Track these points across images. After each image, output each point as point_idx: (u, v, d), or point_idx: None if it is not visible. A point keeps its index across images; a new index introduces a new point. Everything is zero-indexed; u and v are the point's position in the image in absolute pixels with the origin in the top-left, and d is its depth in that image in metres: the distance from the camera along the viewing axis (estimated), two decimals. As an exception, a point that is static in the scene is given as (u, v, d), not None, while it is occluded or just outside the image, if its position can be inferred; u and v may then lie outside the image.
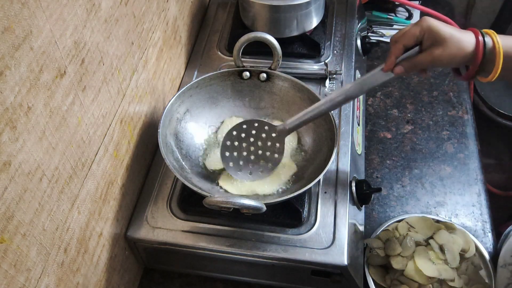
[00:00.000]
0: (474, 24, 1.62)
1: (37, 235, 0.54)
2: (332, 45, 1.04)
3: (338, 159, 0.85)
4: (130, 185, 0.79)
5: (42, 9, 0.50)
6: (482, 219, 0.94)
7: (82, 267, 0.66)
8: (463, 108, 1.12)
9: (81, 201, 0.63)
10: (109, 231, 0.73)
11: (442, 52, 0.67)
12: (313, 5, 0.98)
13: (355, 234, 0.80)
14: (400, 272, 0.79)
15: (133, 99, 0.77)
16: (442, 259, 0.79)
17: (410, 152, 1.04)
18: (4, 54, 0.44)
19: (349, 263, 0.73)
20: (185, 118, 0.85)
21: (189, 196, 0.79)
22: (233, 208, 0.66)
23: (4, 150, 0.46)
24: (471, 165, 1.02)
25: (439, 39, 0.67)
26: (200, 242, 0.76)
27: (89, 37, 0.60)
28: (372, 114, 1.11)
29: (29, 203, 0.51)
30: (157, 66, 0.87)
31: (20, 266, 0.51)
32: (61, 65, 0.54)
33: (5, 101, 0.46)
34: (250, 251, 0.74)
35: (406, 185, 0.99)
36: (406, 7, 1.31)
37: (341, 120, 0.90)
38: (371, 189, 0.83)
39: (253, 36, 0.83)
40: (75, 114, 0.59)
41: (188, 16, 1.03)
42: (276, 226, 0.77)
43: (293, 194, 0.70)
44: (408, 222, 0.86)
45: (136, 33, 0.75)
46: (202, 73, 0.95)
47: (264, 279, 0.84)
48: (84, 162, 0.63)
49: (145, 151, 0.85)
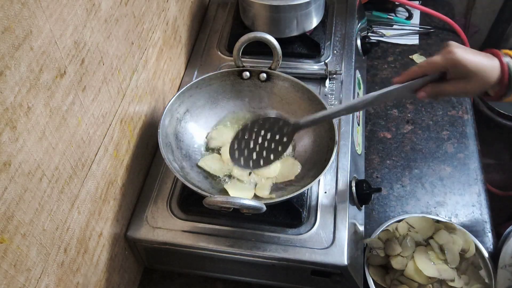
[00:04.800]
0: (474, 24, 1.62)
1: (37, 235, 0.54)
2: (332, 45, 1.04)
3: (338, 159, 0.85)
4: (130, 185, 0.79)
5: (42, 9, 0.50)
6: (482, 219, 0.94)
7: (82, 267, 0.66)
8: (463, 108, 1.12)
9: (81, 201, 0.63)
10: (109, 231, 0.73)
11: (468, 86, 0.66)
12: (313, 5, 0.98)
13: (355, 234, 0.80)
14: (400, 272, 0.79)
15: (133, 99, 0.77)
16: (442, 259, 0.79)
17: (410, 152, 1.04)
18: (4, 54, 0.44)
19: (349, 263, 0.73)
20: (185, 118, 0.85)
21: (189, 196, 0.79)
22: (233, 208, 0.67)
23: (4, 150, 0.46)
24: (471, 165, 1.02)
25: (465, 74, 0.65)
26: (200, 242, 0.76)
27: (89, 37, 0.60)
28: (372, 114, 1.11)
29: (29, 203, 0.51)
30: (157, 66, 0.87)
31: (20, 266, 0.51)
32: (61, 65, 0.54)
33: (5, 101, 0.46)
34: (250, 251, 0.74)
35: (406, 185, 0.99)
36: (406, 7, 1.31)
37: (341, 120, 0.90)
38: (371, 189, 0.83)
39: (253, 36, 0.83)
40: (75, 114, 0.59)
41: (188, 16, 1.03)
42: (276, 226, 0.77)
43: (293, 194, 0.70)
44: (408, 222, 0.86)
45: (136, 33, 0.75)
46: (202, 73, 0.95)
47: (264, 279, 0.84)
48: (84, 162, 0.63)
49: (145, 151, 0.85)
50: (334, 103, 0.92)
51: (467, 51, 0.66)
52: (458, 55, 0.65)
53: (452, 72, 0.67)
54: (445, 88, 0.68)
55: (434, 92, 0.69)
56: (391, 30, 1.29)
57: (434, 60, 0.68)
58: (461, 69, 0.65)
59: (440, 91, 0.69)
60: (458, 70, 0.66)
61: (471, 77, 0.65)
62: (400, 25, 1.30)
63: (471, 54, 0.66)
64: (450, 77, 0.67)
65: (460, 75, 0.66)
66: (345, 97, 0.93)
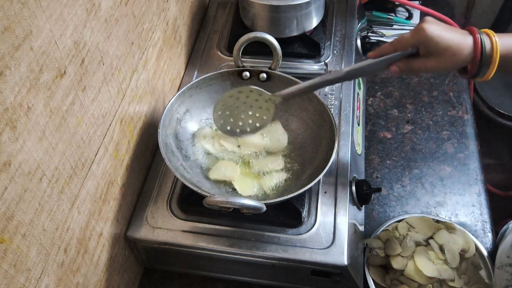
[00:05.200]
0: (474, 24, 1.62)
1: (37, 235, 0.54)
2: (332, 45, 1.04)
3: (338, 159, 0.85)
4: (130, 185, 0.79)
5: (42, 9, 0.50)
6: (482, 219, 0.94)
7: (82, 267, 0.66)
8: (463, 108, 1.12)
9: (81, 201, 0.63)
10: (109, 231, 0.73)
11: (436, 63, 0.67)
12: (313, 5, 0.98)
13: (355, 234, 0.80)
14: (400, 272, 0.79)
15: (133, 99, 0.77)
16: (442, 259, 0.79)
17: (410, 152, 1.04)
18: (4, 54, 0.44)
19: (349, 263, 0.73)
20: (185, 118, 0.85)
21: (189, 196, 0.79)
22: (233, 208, 0.66)
23: (4, 150, 0.46)
24: (471, 165, 1.02)
25: (435, 51, 0.66)
26: (200, 242, 0.76)
27: (89, 37, 0.60)
28: (372, 114, 1.11)
29: (29, 203, 0.51)
30: (157, 66, 0.87)
31: (20, 266, 0.51)
32: (61, 65, 0.54)
33: (5, 101, 0.46)
34: (250, 251, 0.74)
35: (406, 185, 0.99)
36: (406, 7, 1.31)
37: (341, 120, 0.90)
38: (371, 189, 0.83)
39: (253, 36, 0.83)
40: (75, 114, 0.59)
41: (188, 16, 1.03)
42: (276, 226, 0.77)
43: (293, 194, 0.70)
44: (408, 222, 0.86)
45: (136, 33, 0.75)
46: (202, 73, 0.95)
47: (264, 279, 0.84)
48: (84, 162, 0.63)
49: (145, 151, 0.85)
50: (334, 103, 0.92)
51: (439, 28, 0.66)
52: (428, 31, 0.65)
53: (422, 48, 0.67)
54: (416, 64, 0.69)
55: (406, 68, 0.70)
56: (391, 30, 1.29)
57: (405, 37, 0.68)
58: (431, 46, 0.66)
59: (412, 67, 0.69)
60: (428, 46, 0.66)
61: (441, 54, 0.66)
62: (400, 25, 1.30)
63: (443, 30, 0.66)
64: (421, 53, 0.68)
65: (431, 52, 0.66)
66: (345, 97, 0.93)
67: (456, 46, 0.65)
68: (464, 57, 0.66)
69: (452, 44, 0.65)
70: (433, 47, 0.66)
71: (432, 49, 0.66)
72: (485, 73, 0.67)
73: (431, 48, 0.66)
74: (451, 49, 0.65)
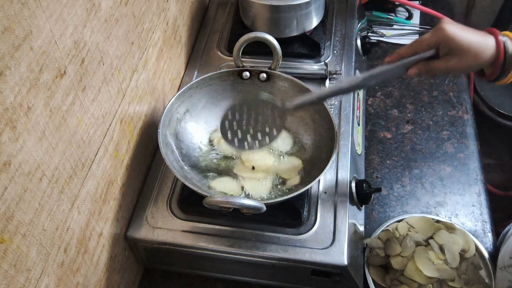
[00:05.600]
0: (474, 24, 1.62)
1: (37, 235, 0.54)
2: (332, 45, 1.04)
3: (338, 159, 0.85)
4: (130, 185, 0.79)
5: (42, 9, 0.50)
6: (482, 219, 0.94)
7: (82, 267, 0.66)
8: (463, 108, 1.12)
9: (81, 201, 0.63)
10: (109, 231, 0.73)
11: (458, 63, 0.65)
12: (313, 5, 0.98)
13: (355, 234, 0.80)
14: (400, 272, 0.79)
15: (133, 99, 0.77)
16: (442, 259, 0.79)
17: (410, 152, 1.04)
18: (4, 54, 0.44)
19: (349, 263, 0.73)
20: (185, 118, 0.85)
21: (189, 196, 0.79)
22: (233, 208, 0.66)
23: (4, 150, 0.46)
24: (471, 165, 1.02)
25: (456, 50, 0.64)
26: (200, 242, 0.76)
27: (89, 37, 0.60)
28: (372, 114, 1.11)
29: (29, 203, 0.51)
30: (157, 66, 0.87)
31: (20, 266, 0.51)
32: (61, 65, 0.54)
33: (5, 101, 0.46)
34: (250, 251, 0.74)
35: (406, 185, 0.99)
36: (406, 7, 1.31)
37: (341, 120, 0.90)
38: (371, 189, 0.83)
39: (253, 36, 0.83)
40: (75, 114, 0.59)
41: (188, 16, 1.03)
42: (276, 226, 0.77)
43: (293, 194, 0.70)
44: (408, 222, 0.86)
45: (136, 33, 0.75)
46: (202, 73, 0.95)
47: (264, 279, 0.84)
48: (84, 162, 0.63)
49: (145, 151, 0.85)
50: (334, 103, 0.92)
51: (460, 28, 0.65)
52: (449, 31, 0.64)
53: (443, 48, 0.66)
54: (437, 65, 0.67)
55: (426, 69, 0.68)
56: (391, 30, 1.29)
57: (424, 37, 0.67)
58: (452, 45, 0.64)
59: (432, 68, 0.68)
60: (450, 46, 0.64)
61: (463, 53, 0.64)
62: (400, 25, 1.30)
63: (463, 30, 0.65)
64: (441, 54, 0.66)
65: (452, 52, 0.65)
66: (345, 97, 0.93)
67: (478, 46, 0.64)
68: (487, 58, 0.65)
69: (474, 44, 0.64)
70: (454, 46, 0.64)
71: (454, 48, 0.64)
72: (506, 75, 0.66)
73: (452, 47, 0.64)
74: (473, 49, 0.64)
